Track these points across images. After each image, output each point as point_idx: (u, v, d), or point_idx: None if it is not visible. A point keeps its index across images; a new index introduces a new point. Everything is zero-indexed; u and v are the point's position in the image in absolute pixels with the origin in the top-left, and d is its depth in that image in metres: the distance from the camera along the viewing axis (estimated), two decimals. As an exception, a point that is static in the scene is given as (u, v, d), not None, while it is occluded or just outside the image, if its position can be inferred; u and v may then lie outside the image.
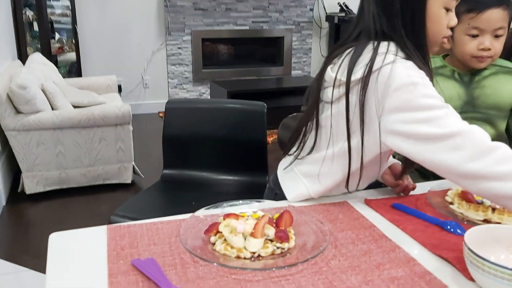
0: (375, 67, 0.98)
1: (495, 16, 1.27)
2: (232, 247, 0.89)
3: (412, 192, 1.19)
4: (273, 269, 0.84)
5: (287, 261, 0.87)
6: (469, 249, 0.78)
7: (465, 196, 1.11)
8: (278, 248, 0.90)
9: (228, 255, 0.88)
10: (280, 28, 5.01)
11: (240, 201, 1.08)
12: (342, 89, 1.03)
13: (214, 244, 0.92)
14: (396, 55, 0.98)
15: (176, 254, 0.90)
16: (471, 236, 0.82)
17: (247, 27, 4.91)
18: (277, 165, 1.29)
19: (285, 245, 0.90)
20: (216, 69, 4.98)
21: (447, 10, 1.02)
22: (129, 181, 3.19)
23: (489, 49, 1.30)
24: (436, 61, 1.44)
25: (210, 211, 1.04)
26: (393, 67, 0.96)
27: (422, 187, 1.21)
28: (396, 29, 1.01)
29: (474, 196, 1.10)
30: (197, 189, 1.73)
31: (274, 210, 1.06)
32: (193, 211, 1.03)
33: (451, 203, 1.11)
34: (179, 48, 4.74)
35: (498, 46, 1.32)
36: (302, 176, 1.15)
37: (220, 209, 1.05)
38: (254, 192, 1.58)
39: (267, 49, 5.25)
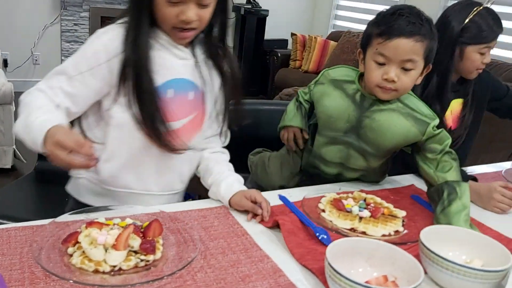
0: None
1: (403, 46, 1.12)
2: (90, 260, 0.82)
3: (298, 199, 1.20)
4: (137, 284, 0.80)
5: (151, 275, 0.83)
6: (328, 263, 0.80)
7: (336, 204, 1.14)
8: (142, 260, 0.85)
9: (85, 269, 0.81)
10: (186, 13, 4.87)
11: (110, 206, 1.01)
12: None
13: (71, 256, 0.85)
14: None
15: (26, 268, 0.82)
16: (333, 249, 0.84)
17: (152, 9, 4.71)
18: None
19: (150, 257, 0.86)
20: (116, 50, 4.72)
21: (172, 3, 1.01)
22: (8, 166, 2.92)
23: (393, 81, 1.15)
24: (349, 74, 1.29)
25: (74, 217, 0.96)
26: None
27: (301, 192, 1.23)
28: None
29: (344, 204, 1.14)
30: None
31: (146, 216, 1.01)
32: (62, 212, 0.95)
33: (323, 211, 1.14)
34: (75, 24, 4.42)
35: (406, 80, 1.16)
36: None
37: (86, 215, 0.97)
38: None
39: (171, 33, 5.08)
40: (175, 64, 1.08)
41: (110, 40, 1.02)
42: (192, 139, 1.15)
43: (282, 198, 1.12)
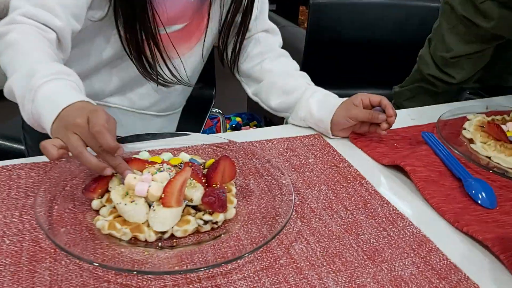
0: None
1: None
2: (125, 223, 0.51)
3: (412, 123, 0.83)
4: (201, 270, 0.48)
5: (223, 249, 0.50)
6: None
7: (492, 131, 0.76)
8: (206, 222, 0.53)
9: (116, 236, 0.51)
10: None
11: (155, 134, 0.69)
12: None
13: (98, 212, 0.54)
14: None
15: (27, 231, 0.52)
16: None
17: None
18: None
19: (219, 217, 0.53)
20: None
21: None
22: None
23: None
24: None
25: (106, 150, 0.64)
26: None
27: (425, 114, 0.85)
28: None
29: (505, 131, 0.75)
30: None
31: (208, 149, 0.68)
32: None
33: (472, 141, 0.76)
34: None
35: None
36: None
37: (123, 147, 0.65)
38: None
39: None
40: None
41: None
42: (190, 49, 0.81)
43: (425, 135, 0.75)
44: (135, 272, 0.46)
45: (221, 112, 1.50)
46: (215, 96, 1.35)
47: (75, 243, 0.49)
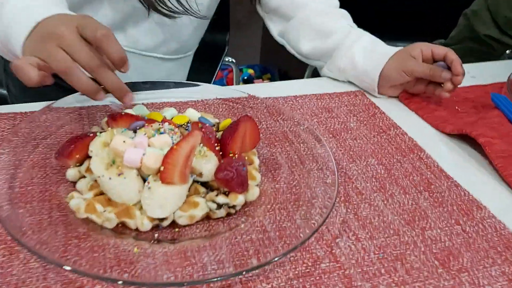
0: None
1: None
2: (110, 203, 0.37)
3: (473, 82, 0.68)
4: (213, 279, 0.34)
5: (240, 245, 0.37)
6: None
7: None
8: (220, 206, 0.39)
9: (97, 222, 0.37)
10: None
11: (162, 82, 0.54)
12: None
13: (74, 185, 0.41)
14: None
15: (-24, 210, 0.39)
16: None
17: None
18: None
19: (238, 200, 0.39)
20: None
21: None
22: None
23: None
24: None
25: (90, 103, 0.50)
26: None
27: (487, 70, 0.69)
28: None
29: None
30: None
31: (224, 104, 0.53)
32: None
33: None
34: None
35: None
36: None
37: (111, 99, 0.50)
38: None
39: None
40: None
41: None
42: None
43: (496, 98, 0.59)
44: (120, 283, 0.32)
45: (234, 61, 1.34)
46: (228, 43, 1.19)
47: (40, 229, 0.36)
